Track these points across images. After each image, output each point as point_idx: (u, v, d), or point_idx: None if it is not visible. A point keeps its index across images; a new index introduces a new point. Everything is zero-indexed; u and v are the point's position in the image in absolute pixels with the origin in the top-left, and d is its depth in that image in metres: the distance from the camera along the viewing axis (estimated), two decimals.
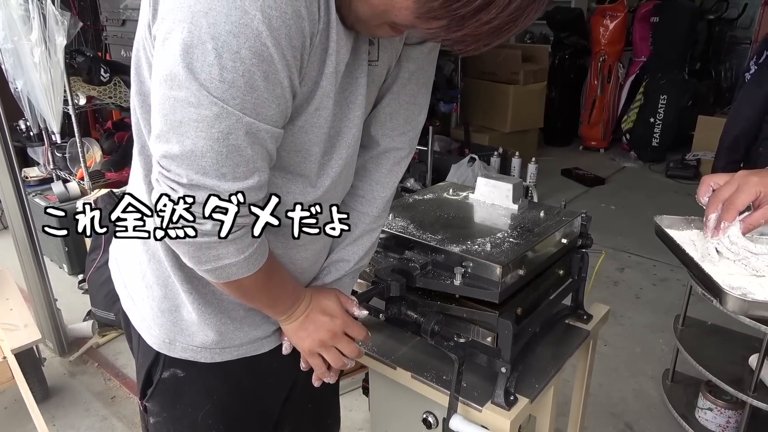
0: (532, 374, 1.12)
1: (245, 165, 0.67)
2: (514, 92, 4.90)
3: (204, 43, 0.59)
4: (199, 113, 0.62)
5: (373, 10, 0.68)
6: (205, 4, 0.58)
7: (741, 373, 1.94)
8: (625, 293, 3.17)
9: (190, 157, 0.64)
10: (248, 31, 0.59)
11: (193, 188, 0.66)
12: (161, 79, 0.63)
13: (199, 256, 0.72)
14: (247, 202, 0.68)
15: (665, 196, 4.64)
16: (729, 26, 5.68)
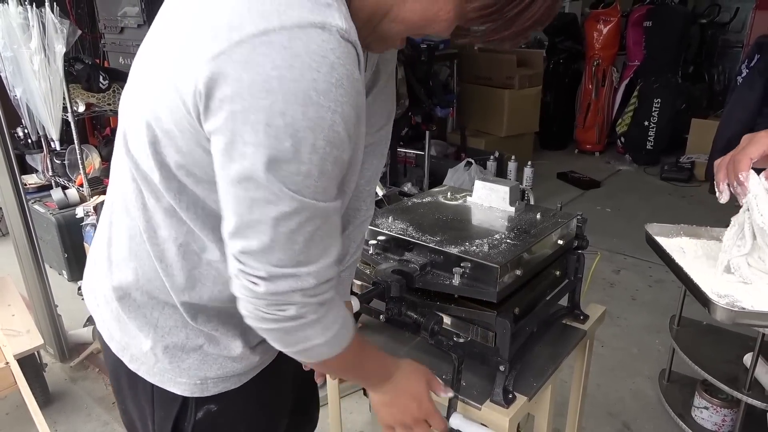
0: (530, 373, 1.14)
1: (320, 246, 0.68)
2: (509, 97, 4.95)
3: (282, 143, 0.58)
4: (278, 210, 0.62)
5: (409, 27, 0.69)
6: (281, 104, 0.57)
7: (736, 371, 1.97)
8: (622, 295, 3.20)
9: (269, 251, 0.65)
10: (323, 123, 0.59)
11: (274, 279, 0.66)
12: (234, 180, 0.62)
13: (287, 340, 0.74)
14: (326, 280, 0.70)
15: (660, 199, 4.68)
16: (721, 30, 5.74)
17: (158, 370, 0.86)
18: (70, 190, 3.35)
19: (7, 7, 2.88)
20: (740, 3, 5.72)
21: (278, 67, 0.56)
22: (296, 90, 0.56)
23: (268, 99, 0.56)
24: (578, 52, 5.62)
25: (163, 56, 0.67)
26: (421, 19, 0.67)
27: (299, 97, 0.57)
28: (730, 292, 0.92)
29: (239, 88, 0.57)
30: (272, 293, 0.67)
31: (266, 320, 0.70)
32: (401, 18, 0.67)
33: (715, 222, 3.07)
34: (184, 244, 0.77)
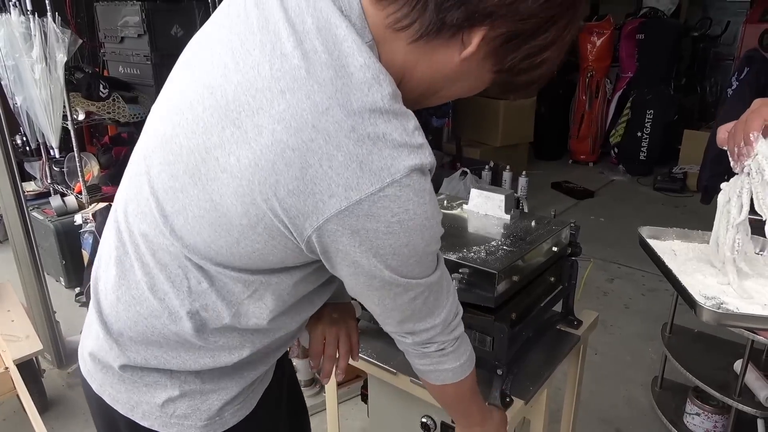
0: (526, 377, 1.17)
1: (438, 300, 0.80)
2: (504, 107, 5.00)
3: (407, 262, 0.70)
4: (413, 294, 0.75)
5: (458, 95, 0.78)
6: (404, 239, 0.66)
7: (726, 378, 2.00)
8: (615, 303, 3.23)
9: (407, 318, 0.80)
10: (436, 235, 0.72)
11: (418, 333, 0.82)
12: (376, 287, 0.73)
13: (425, 361, 0.88)
14: (454, 316, 0.84)
15: (653, 209, 4.73)
16: (713, 43, 5.83)
17: (175, 419, 0.84)
18: (69, 198, 3.37)
19: (9, 16, 2.92)
20: (731, 17, 5.81)
21: (396, 214, 0.64)
22: (414, 226, 0.66)
23: (392, 239, 0.65)
24: (572, 64, 5.69)
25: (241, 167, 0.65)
26: (467, 90, 0.76)
27: (417, 229, 0.66)
28: (717, 294, 0.96)
29: (366, 236, 0.64)
30: (417, 343, 0.84)
31: (416, 352, 0.87)
32: (450, 94, 0.76)
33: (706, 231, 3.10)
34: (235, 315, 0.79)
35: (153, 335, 0.79)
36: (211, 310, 0.76)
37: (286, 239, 0.67)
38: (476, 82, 0.74)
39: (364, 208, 0.62)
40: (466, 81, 0.73)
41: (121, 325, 0.81)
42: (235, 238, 0.69)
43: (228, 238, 0.69)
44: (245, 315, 0.78)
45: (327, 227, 0.63)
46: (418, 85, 0.72)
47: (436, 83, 0.72)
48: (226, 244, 0.70)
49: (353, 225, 0.63)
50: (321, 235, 0.64)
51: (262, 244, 0.69)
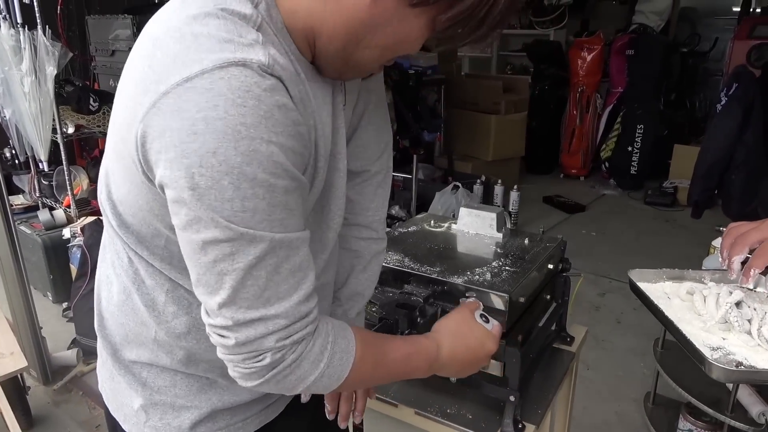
0: (531, 400, 1.14)
1: (288, 282, 0.65)
2: (495, 122, 5.02)
3: (219, 182, 0.58)
4: (231, 247, 0.61)
5: (383, 51, 0.69)
6: (212, 144, 0.56)
7: (719, 394, 1.99)
8: (607, 318, 3.23)
9: (233, 296, 0.63)
10: (260, 156, 0.58)
11: (241, 327, 0.64)
12: (183, 225, 0.62)
13: (284, 387, 0.69)
14: (299, 318, 0.66)
15: (644, 223, 4.75)
16: (701, 59, 5.89)
17: (149, 429, 0.83)
18: (57, 212, 3.34)
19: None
20: (719, 33, 5.88)
21: (203, 109, 0.56)
22: (223, 127, 0.56)
23: (198, 141, 0.56)
24: (563, 79, 5.74)
25: (115, 117, 0.68)
26: (395, 42, 0.68)
27: (228, 133, 0.56)
28: (721, 344, 0.94)
29: (170, 137, 0.57)
30: (242, 343, 0.64)
31: (251, 377, 0.67)
32: (375, 44, 0.67)
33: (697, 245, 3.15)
34: (171, 290, 0.76)
35: (121, 317, 0.80)
36: (149, 279, 0.76)
37: (133, 166, 0.63)
38: (402, 27, 0.66)
39: (170, 102, 0.57)
40: (389, 27, 0.65)
41: (103, 308, 0.84)
42: (121, 177, 0.69)
43: (123, 179, 0.69)
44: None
45: (142, 129, 0.59)
46: (335, 36, 0.67)
47: (353, 31, 0.66)
48: (126, 189, 0.69)
49: (160, 124, 0.57)
50: (142, 142, 0.59)
51: (129, 184, 0.68)
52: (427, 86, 4.53)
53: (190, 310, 0.77)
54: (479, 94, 5.12)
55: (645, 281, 1.13)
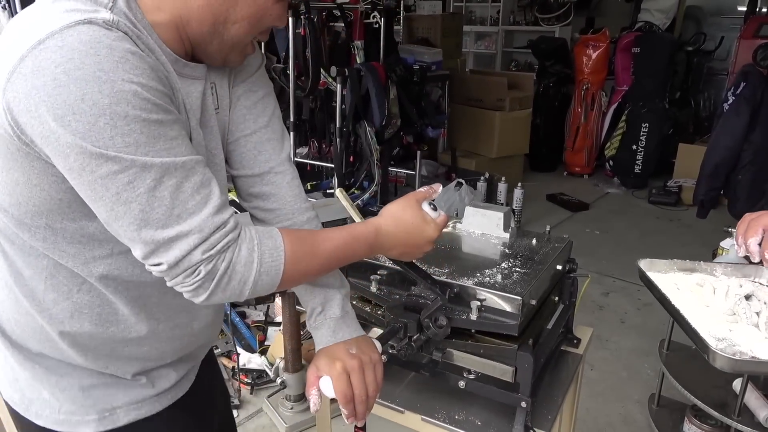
0: (540, 405, 1.11)
1: (193, 198, 0.70)
2: (500, 119, 4.99)
3: (96, 124, 0.63)
4: (127, 176, 0.66)
5: (251, 23, 0.78)
6: (77, 91, 0.62)
7: (725, 397, 1.96)
8: (611, 318, 3.20)
9: (144, 222, 0.68)
10: (125, 95, 0.64)
11: (164, 248, 0.69)
12: (78, 171, 0.66)
13: (230, 293, 0.74)
14: (214, 229, 0.71)
15: (648, 222, 4.71)
16: (707, 58, 5.85)
17: (64, 416, 0.85)
18: None
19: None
20: (725, 32, 5.85)
21: (60, 64, 0.62)
22: (84, 75, 0.62)
23: (64, 92, 0.62)
24: (568, 76, 5.70)
25: None
26: (256, 10, 0.76)
27: (89, 80, 0.62)
28: (728, 335, 0.92)
29: (37, 94, 0.62)
30: (173, 264, 0.70)
31: (198, 291, 0.72)
32: (240, 16, 0.76)
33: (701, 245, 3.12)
34: (50, 277, 0.79)
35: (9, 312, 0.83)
36: (27, 268, 0.78)
37: (8, 135, 0.67)
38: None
39: (29, 64, 0.62)
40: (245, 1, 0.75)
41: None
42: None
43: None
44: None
45: (8, 97, 0.64)
46: (203, 17, 0.75)
47: (217, 9, 0.75)
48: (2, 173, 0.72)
49: (24, 86, 0.63)
50: (9, 109, 0.64)
51: (3, 160, 0.70)
52: (432, 82, 4.50)
53: (70, 295, 0.80)
54: (484, 90, 5.08)
55: (655, 271, 1.10)
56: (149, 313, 0.85)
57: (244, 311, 2.91)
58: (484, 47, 7.28)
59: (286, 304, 2.14)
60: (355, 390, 0.89)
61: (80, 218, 0.74)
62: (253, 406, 2.45)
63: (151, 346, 0.87)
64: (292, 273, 0.79)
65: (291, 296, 2.09)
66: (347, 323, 0.95)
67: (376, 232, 0.88)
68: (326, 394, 0.90)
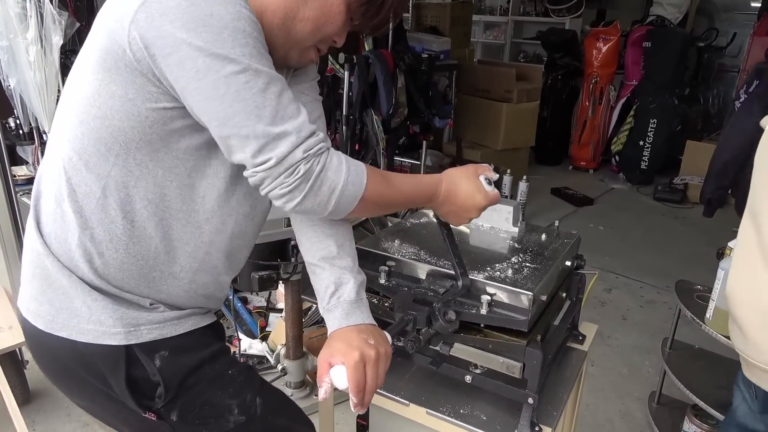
0: (546, 401, 1.10)
1: (293, 105, 0.82)
2: (507, 110, 4.94)
3: (221, 34, 0.76)
4: (245, 77, 0.77)
5: (315, 25, 0.87)
6: (207, 9, 0.76)
7: (727, 397, 1.94)
8: (613, 314, 3.19)
9: (257, 115, 0.78)
10: (243, 16, 0.78)
11: (274, 143, 0.79)
12: (203, 72, 0.76)
13: (321, 198, 0.83)
14: (310, 133, 0.82)
15: (653, 219, 4.69)
16: (718, 54, 5.80)
17: (92, 325, 0.88)
18: None
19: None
20: (738, 28, 5.78)
21: None
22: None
23: (196, 10, 0.75)
24: (577, 69, 5.65)
25: (88, 51, 0.84)
26: (322, 14, 0.87)
27: (217, 1, 0.76)
28: None
29: (171, 13, 0.75)
30: (280, 160, 0.79)
31: (293, 193, 0.82)
32: (307, 16, 0.86)
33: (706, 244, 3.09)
34: (102, 198, 0.86)
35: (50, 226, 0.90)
36: (83, 185, 0.86)
37: (114, 52, 0.79)
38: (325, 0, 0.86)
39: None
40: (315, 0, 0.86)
41: (41, 215, 0.92)
42: (81, 78, 0.84)
43: (77, 79, 0.86)
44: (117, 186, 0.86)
45: (138, 18, 0.76)
46: (277, 9, 0.86)
47: (289, 5, 0.86)
48: (106, 93, 0.82)
49: (158, 8, 0.75)
50: (138, 28, 0.76)
51: (102, 74, 0.81)
52: (439, 71, 4.46)
53: (115, 220, 0.87)
54: (491, 81, 5.03)
55: None
56: (177, 256, 0.91)
57: (246, 296, 2.90)
58: (492, 37, 7.21)
59: (289, 291, 2.13)
60: (368, 380, 0.90)
61: (156, 141, 0.84)
62: None
63: (168, 291, 0.93)
64: (371, 192, 0.87)
65: (294, 283, 2.08)
66: (361, 309, 0.97)
67: (437, 185, 0.98)
68: (337, 385, 0.90)
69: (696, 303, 2.01)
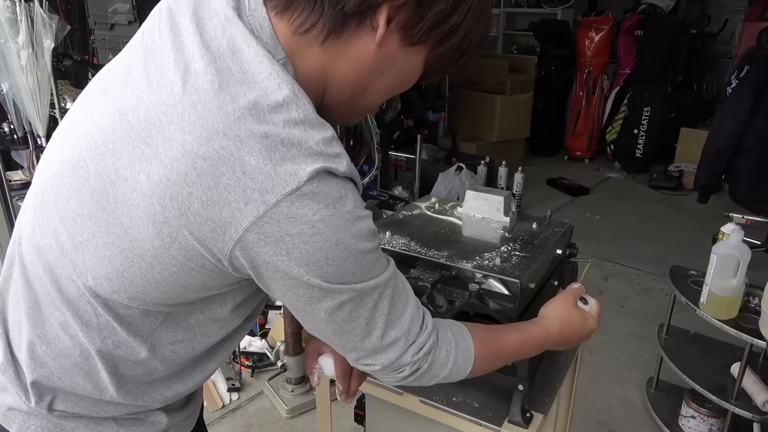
0: (538, 388, 1.11)
1: (399, 300, 0.74)
2: (501, 102, 4.95)
3: (344, 265, 0.65)
4: (357, 300, 0.68)
5: (388, 92, 0.74)
6: (333, 238, 0.62)
7: (723, 381, 1.98)
8: (610, 302, 3.20)
9: (366, 332, 0.71)
10: (364, 231, 0.66)
11: (381, 354, 0.74)
12: (304, 300, 0.67)
13: (420, 383, 0.80)
14: (419, 327, 0.76)
15: (649, 207, 4.71)
16: (710, 41, 5.80)
17: None
18: None
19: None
20: (729, 14, 5.78)
21: (318, 211, 0.61)
22: (338, 222, 0.62)
23: (320, 240, 0.62)
24: (570, 60, 5.65)
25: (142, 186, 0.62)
26: (399, 81, 0.73)
27: (343, 225, 0.63)
28: None
29: (291, 243, 0.61)
30: (386, 366, 0.75)
31: (391, 382, 0.79)
32: (381, 87, 0.72)
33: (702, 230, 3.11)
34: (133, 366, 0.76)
35: (64, 375, 0.75)
36: (124, 347, 0.72)
37: (203, 259, 0.64)
38: (404, 67, 0.71)
39: (284, 210, 0.60)
40: (394, 68, 0.71)
41: (35, 365, 0.76)
42: (149, 263, 0.65)
43: (141, 263, 0.65)
44: (160, 346, 0.74)
45: (248, 238, 0.61)
46: (345, 85, 0.70)
47: (362, 79, 0.70)
48: (140, 271, 0.65)
49: (275, 232, 0.60)
50: (244, 248, 0.61)
51: (178, 267, 0.65)
52: None
53: (143, 390, 0.77)
54: (485, 73, 5.04)
55: None
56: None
57: None
58: None
59: None
60: (355, 369, 0.91)
61: (208, 306, 0.74)
62: (253, 389, 2.46)
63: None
64: (476, 371, 0.83)
65: None
66: None
67: (547, 336, 0.92)
68: (326, 372, 0.93)
69: (690, 288, 2.03)
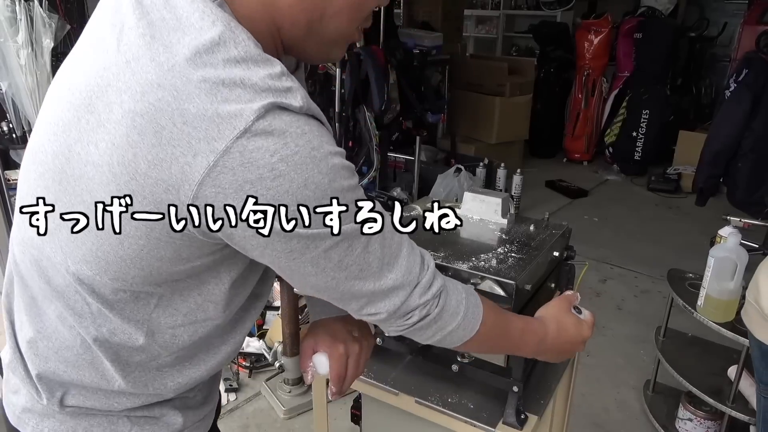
0: (533, 390, 1.11)
1: (393, 240, 0.70)
2: (500, 104, 4.96)
3: (322, 199, 0.59)
4: (347, 242, 0.64)
5: (350, 13, 0.67)
6: (299, 180, 0.57)
7: (720, 384, 1.98)
8: (608, 304, 3.21)
9: (361, 277, 0.67)
10: (335, 168, 0.61)
11: (382, 297, 0.70)
12: (299, 250, 0.62)
13: (424, 335, 0.76)
14: (419, 268, 0.72)
15: (647, 209, 4.71)
16: (709, 44, 5.81)
17: None
18: None
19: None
20: (728, 18, 5.79)
21: (276, 151, 0.56)
22: (302, 159, 0.57)
23: (285, 182, 0.56)
24: (569, 62, 5.66)
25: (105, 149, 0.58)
26: (354, 11, 0.67)
27: (309, 162, 0.57)
28: None
29: (252, 189, 0.56)
30: (393, 312, 0.71)
31: (399, 331, 0.75)
32: (339, 7, 0.66)
33: (700, 233, 3.12)
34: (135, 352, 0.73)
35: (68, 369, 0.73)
36: (120, 334, 0.69)
37: (165, 225, 0.59)
38: None
39: (236, 156, 0.54)
40: None
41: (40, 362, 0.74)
42: (117, 239, 0.61)
43: (110, 240, 0.61)
44: (159, 331, 0.71)
45: (204, 193, 0.56)
46: (296, 18, 0.65)
47: (309, 7, 0.65)
48: (111, 248, 0.62)
49: (232, 182, 0.55)
50: (207, 205, 0.56)
51: (144, 240, 0.60)
52: (432, 66, 4.46)
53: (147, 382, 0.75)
54: (484, 75, 5.05)
55: None
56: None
57: None
58: (484, 31, 7.22)
59: (285, 289, 2.15)
60: (349, 372, 0.91)
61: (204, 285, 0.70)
62: (251, 390, 2.46)
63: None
64: (481, 336, 0.79)
65: None
66: None
67: (545, 333, 0.91)
68: (319, 370, 0.92)
69: (688, 291, 2.04)
